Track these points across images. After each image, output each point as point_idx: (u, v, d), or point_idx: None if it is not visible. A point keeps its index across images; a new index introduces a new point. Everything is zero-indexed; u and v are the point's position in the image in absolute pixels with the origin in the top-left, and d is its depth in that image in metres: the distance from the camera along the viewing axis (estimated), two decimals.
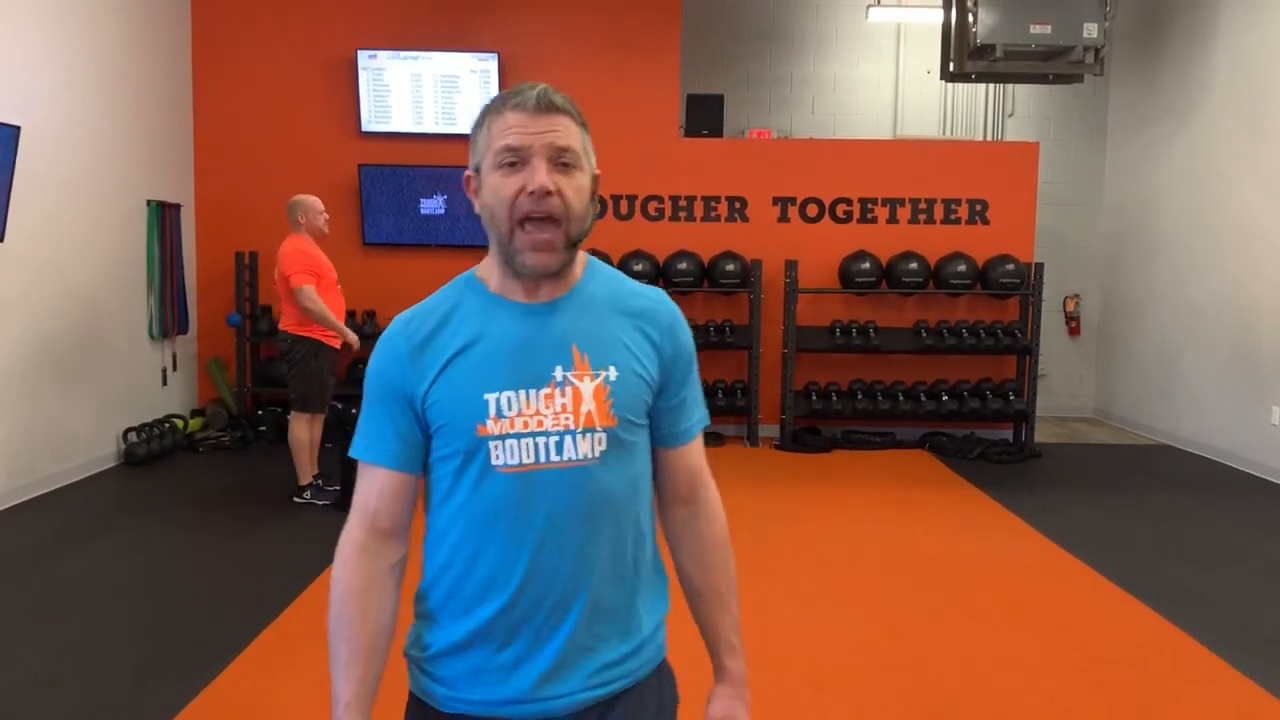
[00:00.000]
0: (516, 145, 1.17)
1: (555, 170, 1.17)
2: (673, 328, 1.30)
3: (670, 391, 1.29)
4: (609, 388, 1.21)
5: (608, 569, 1.23)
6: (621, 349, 1.24)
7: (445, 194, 7.21)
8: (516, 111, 1.18)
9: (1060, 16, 6.08)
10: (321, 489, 5.24)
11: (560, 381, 1.19)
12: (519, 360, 1.20)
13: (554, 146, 1.17)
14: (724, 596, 1.35)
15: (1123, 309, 8.26)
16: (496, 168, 1.18)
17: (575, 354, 1.21)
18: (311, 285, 4.96)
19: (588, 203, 1.22)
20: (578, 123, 1.22)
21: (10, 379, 5.16)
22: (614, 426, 1.21)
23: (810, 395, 7.15)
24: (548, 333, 1.21)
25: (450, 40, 7.20)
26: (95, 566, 4.18)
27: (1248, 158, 6.53)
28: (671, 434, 1.32)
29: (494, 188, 1.19)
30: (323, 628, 3.61)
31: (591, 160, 1.24)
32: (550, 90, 1.19)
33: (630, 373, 1.23)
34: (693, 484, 1.35)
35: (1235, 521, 5.24)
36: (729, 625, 1.35)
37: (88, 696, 2.95)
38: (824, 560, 4.44)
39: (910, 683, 3.15)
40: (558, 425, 1.19)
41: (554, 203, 1.16)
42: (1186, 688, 3.15)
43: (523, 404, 1.19)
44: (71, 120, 5.66)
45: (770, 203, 7.39)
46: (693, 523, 1.35)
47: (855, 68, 8.38)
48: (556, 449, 1.19)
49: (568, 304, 1.24)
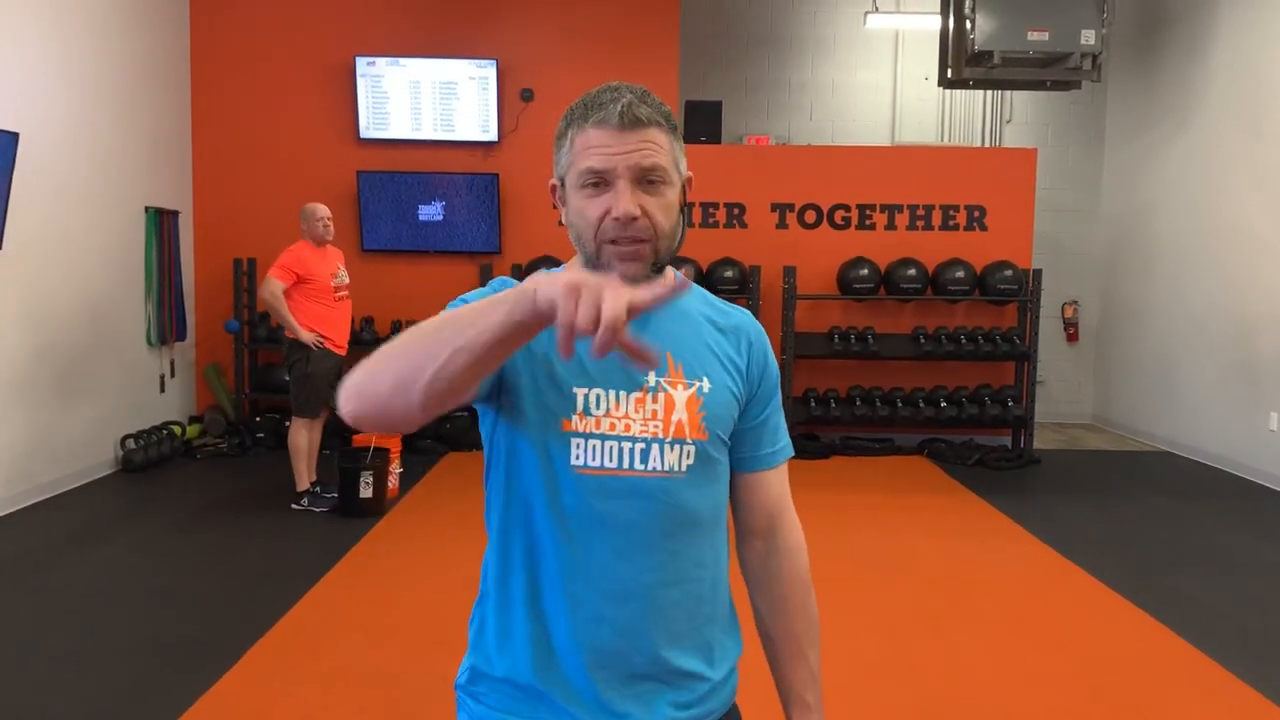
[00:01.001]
0: (600, 168, 1.09)
1: (641, 190, 1.09)
2: (761, 345, 1.24)
3: (754, 412, 1.23)
4: (702, 399, 1.14)
5: (684, 593, 1.16)
6: (714, 362, 1.18)
7: (443, 200, 7.21)
8: (600, 128, 1.09)
9: (1058, 23, 6.09)
10: (319, 495, 5.24)
11: (653, 387, 1.12)
12: (613, 359, 1.02)
13: (640, 167, 1.09)
14: (801, 645, 1.26)
15: (1121, 315, 8.26)
16: (580, 187, 1.11)
17: (670, 361, 1.14)
18: (279, 280, 5.05)
19: (677, 218, 1.14)
20: (668, 130, 1.12)
21: (8, 386, 5.15)
22: (704, 441, 1.14)
23: (809, 401, 7.15)
24: (642, 336, 1.08)
25: (448, 47, 7.21)
26: (93, 573, 4.17)
27: (1246, 163, 6.54)
28: (753, 458, 1.24)
29: (579, 209, 1.11)
30: (322, 633, 3.58)
31: (682, 167, 1.16)
32: (636, 101, 1.09)
33: (723, 386, 1.17)
34: (773, 516, 1.26)
35: (1234, 527, 5.23)
36: (804, 679, 1.26)
37: (86, 703, 2.94)
38: (822, 567, 4.40)
39: (908, 690, 3.14)
40: (645, 432, 1.11)
41: (641, 225, 1.09)
42: (1185, 694, 3.15)
43: (611, 404, 1.11)
44: (70, 126, 5.67)
45: (768, 209, 7.40)
46: (771, 560, 1.26)
47: (853, 74, 8.40)
48: (642, 457, 1.11)
49: (662, 312, 1.13)
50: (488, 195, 7.19)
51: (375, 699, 3.01)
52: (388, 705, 2.98)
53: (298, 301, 5.13)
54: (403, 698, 3.03)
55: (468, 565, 4.34)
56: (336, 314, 5.26)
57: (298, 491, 5.25)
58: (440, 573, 4.21)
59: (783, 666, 1.26)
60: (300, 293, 5.13)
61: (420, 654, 3.35)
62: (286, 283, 5.07)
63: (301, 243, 5.21)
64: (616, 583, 1.11)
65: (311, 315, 5.16)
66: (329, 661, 3.29)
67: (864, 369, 7.37)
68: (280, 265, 5.09)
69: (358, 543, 4.64)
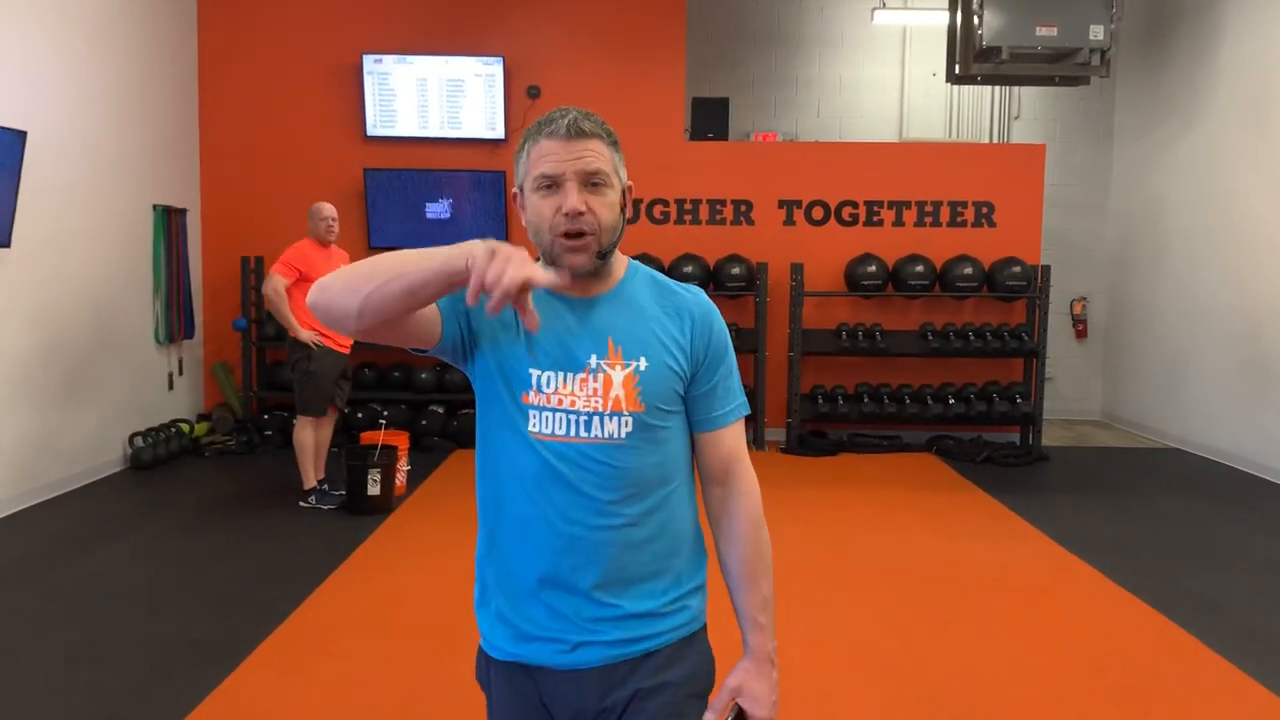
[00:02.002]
0: (551, 172, 1.31)
1: (586, 191, 1.31)
2: (705, 321, 1.43)
3: (700, 380, 1.42)
4: (638, 376, 1.35)
5: (631, 537, 1.36)
6: (655, 342, 1.38)
7: (450, 198, 7.22)
8: (550, 139, 1.32)
9: (1066, 19, 6.07)
10: (327, 493, 5.25)
11: (594, 368, 1.34)
12: (560, 345, 1.35)
13: (584, 171, 1.31)
14: (754, 574, 1.45)
15: (1130, 311, 8.23)
16: (535, 190, 1.33)
17: (610, 345, 1.36)
18: (282, 277, 5.08)
19: (618, 215, 1.36)
20: (608, 143, 1.35)
21: (17, 384, 5.17)
22: (641, 412, 1.35)
23: (817, 398, 7.13)
24: (587, 325, 1.36)
25: (455, 44, 7.21)
26: (101, 571, 4.19)
27: (1254, 159, 6.50)
28: (707, 419, 1.44)
29: (535, 208, 1.33)
30: (330, 631, 3.59)
31: (622, 175, 1.38)
32: (580, 117, 1.33)
33: (661, 364, 1.37)
34: (727, 466, 1.45)
35: (1243, 525, 5.21)
36: (757, 603, 1.44)
37: (94, 702, 2.95)
38: (830, 564, 4.42)
39: (917, 688, 3.13)
40: (588, 406, 1.34)
41: (586, 220, 1.31)
42: (1195, 692, 3.13)
43: (560, 383, 1.34)
44: (78, 125, 5.68)
45: (776, 206, 7.39)
46: (726, 502, 1.45)
47: (861, 70, 8.37)
48: (584, 426, 1.33)
49: (608, 301, 1.38)
50: (494, 192, 7.19)
51: (383, 697, 3.02)
52: (396, 704, 2.98)
53: (298, 299, 5.14)
54: (411, 696, 3.03)
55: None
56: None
57: (304, 490, 5.27)
58: (448, 570, 4.21)
59: (739, 593, 1.45)
60: (302, 290, 5.13)
61: (429, 652, 3.35)
62: (289, 279, 5.09)
63: (306, 240, 5.24)
64: (565, 528, 1.34)
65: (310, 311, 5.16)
66: (337, 660, 3.29)
67: (872, 366, 7.35)
68: (283, 261, 5.11)
69: (365, 540, 4.65)
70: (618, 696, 1.36)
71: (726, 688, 1.43)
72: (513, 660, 1.39)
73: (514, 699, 1.40)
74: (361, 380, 7.10)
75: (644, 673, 1.37)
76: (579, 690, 1.36)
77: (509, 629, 1.38)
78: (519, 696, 1.40)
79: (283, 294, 5.08)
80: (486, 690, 1.46)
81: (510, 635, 1.38)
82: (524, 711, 1.40)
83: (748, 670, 1.44)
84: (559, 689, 1.37)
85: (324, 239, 5.23)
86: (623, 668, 1.36)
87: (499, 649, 1.41)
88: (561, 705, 1.37)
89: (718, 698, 1.43)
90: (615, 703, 1.37)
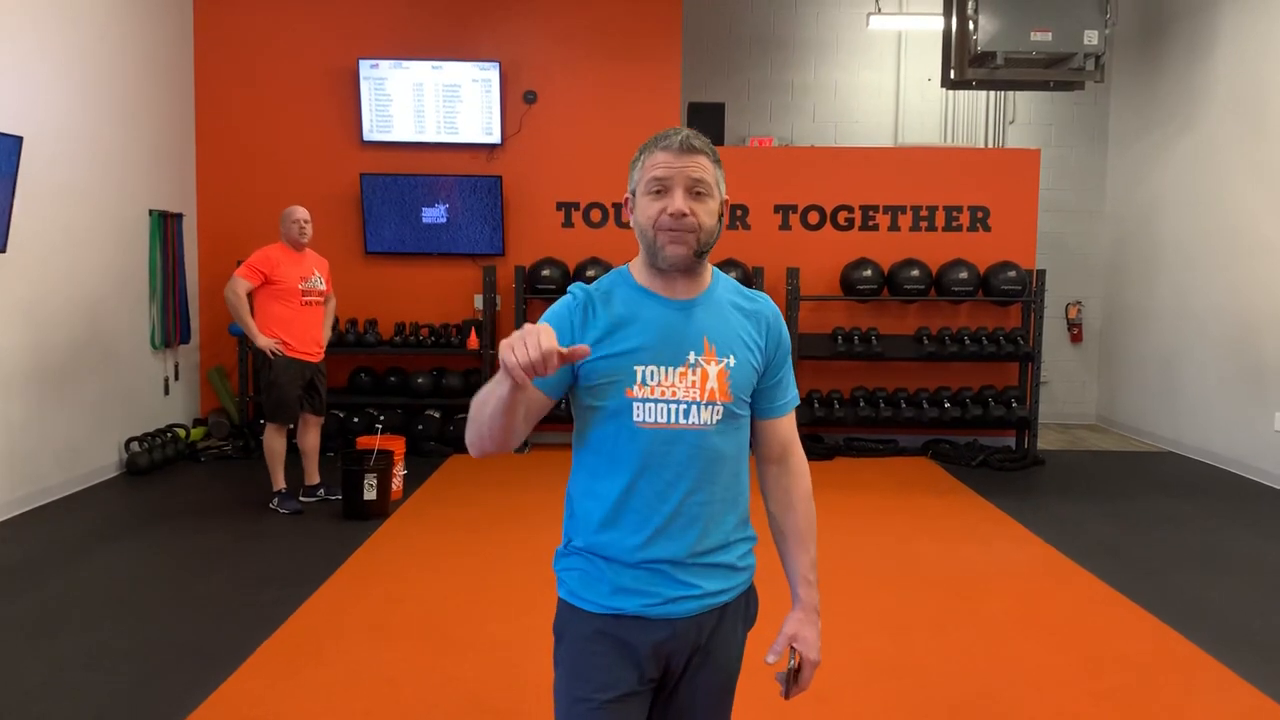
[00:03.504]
0: (662, 177, 1.51)
1: (690, 197, 1.51)
2: (776, 325, 1.65)
3: (769, 375, 1.64)
4: (729, 372, 1.56)
5: (714, 507, 1.57)
6: (739, 342, 1.59)
7: (447, 203, 7.22)
8: (665, 151, 1.52)
9: (1061, 24, 6.09)
10: (287, 497, 5.26)
11: (693, 364, 1.54)
12: (663, 343, 1.53)
13: (690, 179, 1.51)
14: (804, 538, 1.68)
15: (1125, 315, 8.25)
16: (646, 194, 1.53)
17: (705, 344, 1.56)
18: (245, 280, 5.04)
19: (716, 221, 1.56)
20: (712, 161, 1.55)
21: (12, 388, 5.17)
22: (729, 403, 1.56)
23: (813, 403, 7.14)
24: (687, 325, 1.55)
25: (451, 49, 7.22)
26: (97, 576, 4.18)
27: (1249, 163, 6.53)
28: (770, 408, 1.67)
29: (644, 209, 1.54)
30: (327, 635, 3.59)
31: (721, 189, 1.57)
32: (691, 136, 1.53)
33: (745, 362, 1.59)
34: (785, 447, 1.69)
35: (1238, 528, 5.22)
36: (806, 563, 1.68)
37: (92, 707, 2.95)
38: (826, 568, 4.40)
39: (913, 691, 3.14)
40: (687, 396, 1.53)
41: (689, 221, 1.50)
42: (1191, 695, 3.14)
43: (662, 377, 1.53)
44: (74, 130, 5.68)
45: (772, 210, 7.40)
46: (782, 478, 1.69)
47: (856, 75, 8.40)
48: (684, 414, 1.53)
49: (702, 304, 1.58)
50: (491, 197, 7.20)
51: (381, 702, 3.01)
52: (393, 708, 2.98)
53: (262, 302, 5.13)
54: (409, 700, 3.03)
55: (472, 566, 4.35)
56: (302, 318, 5.21)
57: (271, 491, 5.31)
58: (445, 574, 4.21)
59: (790, 555, 1.69)
60: (266, 293, 5.13)
61: (426, 656, 3.35)
62: (253, 283, 5.05)
63: (277, 244, 5.22)
64: (663, 506, 1.54)
65: (273, 316, 5.14)
66: (333, 664, 3.29)
67: (867, 370, 7.37)
68: (248, 265, 5.07)
69: (362, 545, 4.64)
70: (700, 638, 1.58)
71: (783, 634, 1.64)
72: (608, 612, 1.55)
73: (602, 641, 1.55)
74: (358, 385, 7.09)
75: (729, 617, 1.62)
76: (672, 635, 1.55)
77: (609, 586, 1.55)
78: (607, 639, 1.55)
79: (243, 298, 5.03)
80: (561, 640, 1.62)
81: (609, 591, 1.55)
82: (607, 647, 1.55)
83: (800, 620, 1.66)
84: (652, 634, 1.54)
85: (297, 242, 5.21)
86: (711, 616, 1.59)
87: (594, 603, 1.56)
88: (654, 651, 1.55)
89: (775, 642, 1.64)
90: (700, 643, 1.59)
